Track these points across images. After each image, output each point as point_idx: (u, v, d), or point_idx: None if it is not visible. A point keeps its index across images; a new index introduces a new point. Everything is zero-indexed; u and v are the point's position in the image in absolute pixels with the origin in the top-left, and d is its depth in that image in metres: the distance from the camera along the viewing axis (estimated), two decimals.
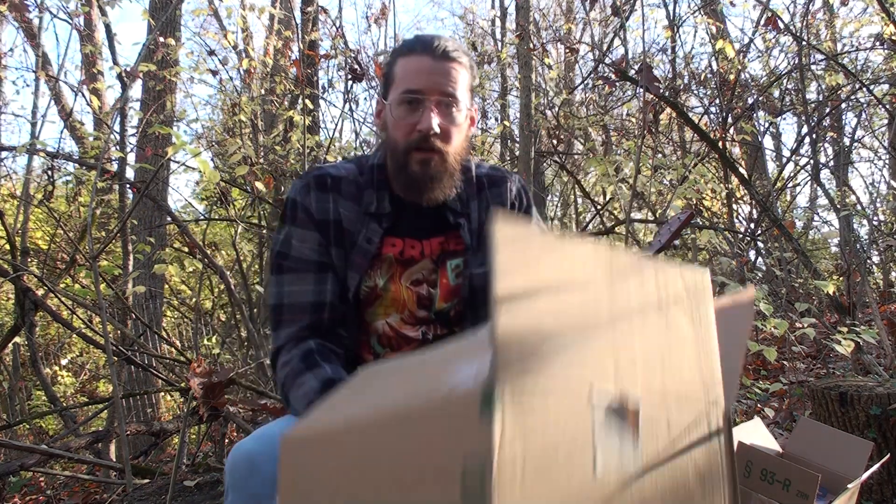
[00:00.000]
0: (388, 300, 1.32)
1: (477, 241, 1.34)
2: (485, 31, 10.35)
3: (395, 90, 1.24)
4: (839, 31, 6.12)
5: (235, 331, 5.77)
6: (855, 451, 1.72)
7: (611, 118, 6.85)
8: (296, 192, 1.30)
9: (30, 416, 3.86)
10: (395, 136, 1.25)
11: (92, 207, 3.23)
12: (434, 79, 1.22)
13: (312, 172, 1.33)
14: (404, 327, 1.33)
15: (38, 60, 3.96)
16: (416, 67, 1.23)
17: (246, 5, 6.77)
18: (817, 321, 3.25)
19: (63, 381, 7.54)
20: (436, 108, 1.22)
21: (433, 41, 1.23)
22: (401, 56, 1.26)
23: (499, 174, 1.40)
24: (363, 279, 1.29)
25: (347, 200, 1.30)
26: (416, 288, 1.32)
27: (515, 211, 1.39)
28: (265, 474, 1.11)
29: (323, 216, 1.28)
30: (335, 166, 1.35)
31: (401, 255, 1.31)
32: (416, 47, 1.24)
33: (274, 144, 5.73)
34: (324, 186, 1.30)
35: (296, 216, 1.29)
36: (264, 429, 1.21)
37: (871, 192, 6.14)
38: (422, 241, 1.33)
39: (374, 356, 1.34)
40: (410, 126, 1.22)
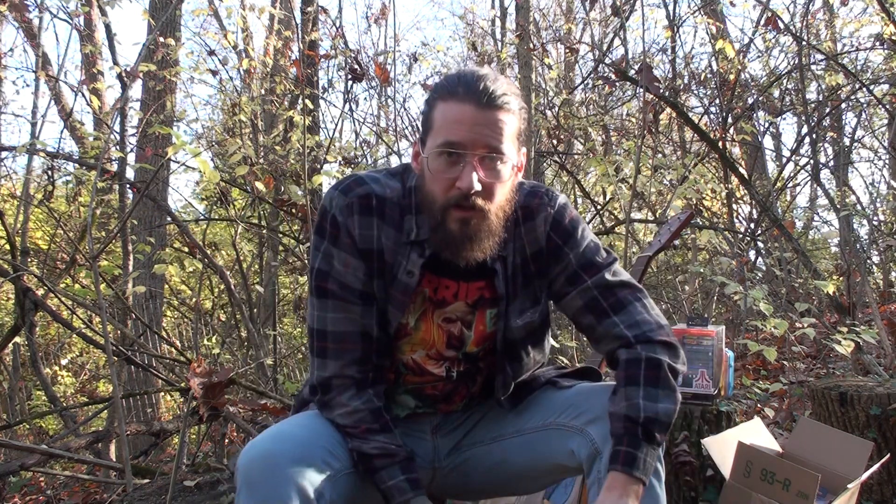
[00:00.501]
0: (416, 339, 1.29)
1: (513, 287, 1.25)
2: (485, 31, 10.34)
3: (434, 139, 1.12)
4: (839, 31, 6.12)
5: (235, 331, 5.77)
6: (855, 451, 1.72)
7: (611, 118, 6.84)
8: (337, 209, 1.19)
9: (30, 416, 3.86)
10: (432, 189, 1.14)
11: (92, 207, 3.23)
12: (478, 131, 1.09)
13: (356, 190, 1.20)
14: (428, 363, 1.31)
15: (38, 60, 3.96)
16: (457, 116, 1.10)
17: (246, 5, 6.77)
18: (817, 321, 3.25)
19: (63, 381, 7.54)
20: (478, 163, 1.10)
21: (478, 83, 1.10)
22: (441, 99, 1.13)
23: (534, 202, 1.25)
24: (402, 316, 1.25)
25: (390, 227, 1.20)
26: (447, 326, 1.28)
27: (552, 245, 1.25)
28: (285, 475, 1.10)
29: (366, 245, 1.20)
30: (379, 181, 1.23)
31: (434, 294, 1.25)
32: (459, 90, 1.10)
33: (274, 144, 5.73)
34: (368, 209, 1.19)
35: (337, 237, 1.20)
36: (280, 428, 1.19)
37: (871, 192, 6.15)
38: (458, 282, 1.25)
39: (395, 376, 1.33)
40: (450, 182, 1.11)
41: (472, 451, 1.38)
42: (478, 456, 1.38)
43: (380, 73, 4.45)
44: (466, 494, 1.47)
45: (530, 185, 1.28)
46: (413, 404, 1.37)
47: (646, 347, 1.19)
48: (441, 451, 1.39)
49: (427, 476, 1.39)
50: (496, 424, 1.38)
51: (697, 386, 2.01)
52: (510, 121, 1.12)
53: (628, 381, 1.16)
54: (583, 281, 1.24)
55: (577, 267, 1.25)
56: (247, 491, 1.10)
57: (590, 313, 1.25)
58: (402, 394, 1.35)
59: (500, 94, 1.10)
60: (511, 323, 1.27)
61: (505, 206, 1.17)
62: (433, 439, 1.39)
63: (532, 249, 1.25)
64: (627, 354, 1.19)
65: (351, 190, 1.21)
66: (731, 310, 5.08)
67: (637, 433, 1.11)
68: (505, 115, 1.11)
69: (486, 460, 1.37)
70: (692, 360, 2.04)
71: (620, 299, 1.23)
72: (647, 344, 1.20)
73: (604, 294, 1.24)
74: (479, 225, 1.13)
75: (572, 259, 1.25)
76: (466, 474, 1.39)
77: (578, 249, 1.25)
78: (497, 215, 1.15)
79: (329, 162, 5.15)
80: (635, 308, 1.23)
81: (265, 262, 5.77)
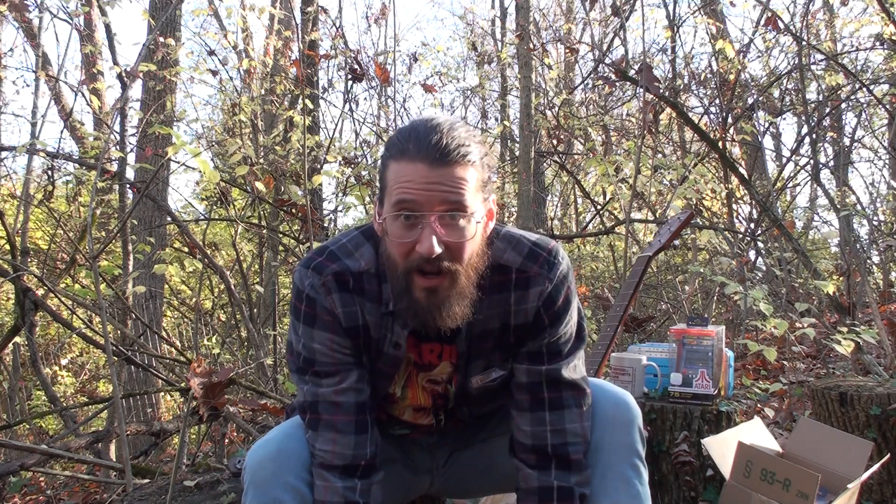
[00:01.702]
0: (404, 404, 1.28)
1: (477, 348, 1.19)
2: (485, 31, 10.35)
3: (388, 200, 1.03)
4: (839, 31, 6.12)
5: (235, 331, 5.77)
6: (855, 451, 1.72)
7: (611, 118, 6.85)
8: (312, 289, 1.13)
9: (30, 416, 3.86)
10: (392, 253, 1.06)
11: (92, 207, 3.23)
12: (431, 189, 1.00)
13: (330, 266, 1.13)
14: (417, 417, 1.31)
15: (38, 60, 3.96)
16: (409, 176, 1.00)
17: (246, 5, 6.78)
18: (817, 321, 3.25)
19: (63, 381, 7.54)
20: (438, 223, 1.01)
21: (429, 136, 1.00)
22: (392, 159, 1.04)
23: (533, 269, 1.14)
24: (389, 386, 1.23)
25: (371, 302, 1.14)
26: (432, 386, 1.26)
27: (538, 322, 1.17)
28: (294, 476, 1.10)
29: (352, 322, 1.14)
30: (352, 254, 1.15)
31: (420, 358, 1.22)
32: (409, 148, 1.01)
33: (274, 144, 5.73)
34: (346, 287, 1.13)
35: (315, 317, 1.13)
36: (286, 428, 1.18)
37: (871, 192, 6.15)
38: (443, 344, 1.20)
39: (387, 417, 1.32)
40: (409, 246, 1.03)
41: (465, 452, 1.39)
42: (468, 458, 1.39)
43: (380, 73, 4.45)
44: (465, 494, 1.48)
45: (534, 242, 1.17)
46: (407, 432, 1.38)
47: (559, 472, 1.16)
48: (439, 460, 1.40)
49: (426, 480, 1.41)
50: (486, 425, 1.39)
51: (697, 386, 2.01)
52: (470, 173, 1.02)
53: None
54: (541, 363, 1.18)
55: (544, 347, 1.18)
56: (254, 491, 1.10)
57: (528, 394, 1.19)
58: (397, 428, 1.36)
59: (455, 146, 1.00)
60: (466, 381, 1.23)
61: (476, 263, 1.08)
62: (430, 451, 1.40)
63: (518, 321, 1.17)
64: (541, 481, 1.16)
65: (325, 267, 1.14)
66: (731, 310, 5.08)
67: None
68: (462, 170, 1.01)
69: (478, 461, 1.38)
70: (692, 360, 2.04)
71: (562, 399, 1.18)
72: (561, 466, 1.16)
73: (550, 385, 1.18)
74: (447, 291, 1.05)
75: (546, 339, 1.18)
76: (463, 475, 1.40)
77: (556, 332, 1.18)
78: (468, 275, 1.06)
79: (329, 162, 5.16)
80: (571, 414, 1.17)
81: (265, 262, 5.77)
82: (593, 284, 6.97)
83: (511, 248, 1.16)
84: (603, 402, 1.20)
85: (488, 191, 1.09)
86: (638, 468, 1.18)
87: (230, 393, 3.69)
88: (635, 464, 1.18)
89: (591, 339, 4.88)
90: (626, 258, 4.20)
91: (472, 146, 1.03)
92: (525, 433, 1.19)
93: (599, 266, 7.56)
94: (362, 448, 1.15)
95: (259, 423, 3.21)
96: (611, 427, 1.18)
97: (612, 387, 1.23)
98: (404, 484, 1.36)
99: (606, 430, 1.18)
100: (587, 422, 1.19)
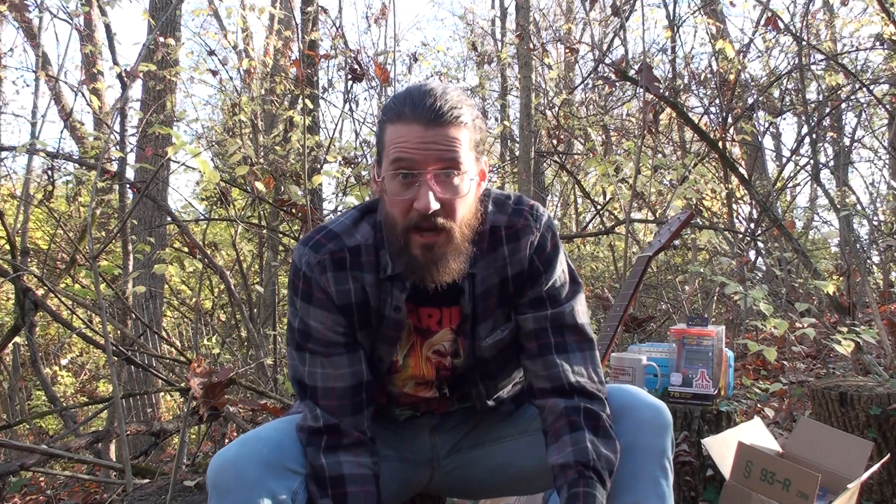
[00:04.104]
0: (406, 375, 1.29)
1: (483, 306, 1.23)
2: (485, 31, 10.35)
3: (386, 161, 1.09)
4: (839, 31, 6.12)
5: (235, 331, 5.77)
6: (855, 451, 1.72)
7: (611, 118, 6.85)
8: (308, 267, 1.18)
9: (30, 416, 3.86)
10: (391, 212, 1.11)
11: (92, 207, 3.23)
12: (428, 148, 1.06)
13: (326, 245, 1.18)
14: (419, 390, 1.32)
15: (38, 60, 3.96)
16: (405, 136, 1.06)
17: (246, 5, 6.78)
18: (817, 321, 3.25)
19: (63, 381, 7.54)
20: (434, 180, 1.07)
21: (424, 100, 1.06)
22: (389, 122, 1.09)
23: (520, 222, 1.22)
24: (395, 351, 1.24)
25: (369, 273, 1.18)
26: (437, 358, 1.28)
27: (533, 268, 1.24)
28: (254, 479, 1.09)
29: (344, 301, 1.18)
30: (349, 231, 1.20)
31: (419, 323, 1.25)
32: (405, 111, 1.07)
33: (274, 144, 5.74)
34: (342, 265, 1.18)
35: (311, 295, 1.18)
36: (248, 434, 1.19)
37: (871, 192, 6.15)
38: (441, 308, 1.23)
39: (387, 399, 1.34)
40: (407, 203, 1.08)
41: (473, 451, 1.38)
42: (480, 457, 1.38)
43: (380, 73, 4.44)
44: (468, 494, 1.47)
45: (514, 201, 1.25)
46: (410, 413, 1.38)
47: (582, 398, 1.19)
48: (439, 450, 1.39)
49: (425, 474, 1.39)
50: (498, 425, 1.38)
51: (697, 386, 2.02)
52: (463, 133, 1.08)
53: (573, 428, 1.16)
54: (544, 308, 1.24)
55: (544, 293, 1.24)
56: (217, 498, 1.10)
57: (535, 341, 1.24)
58: (397, 410, 1.37)
59: (449, 108, 1.06)
60: (479, 342, 1.25)
61: (470, 220, 1.14)
62: (430, 438, 1.39)
63: (514, 271, 1.23)
64: (567, 403, 1.19)
65: (322, 246, 1.18)
66: (731, 310, 5.08)
67: (591, 477, 1.12)
68: (456, 130, 1.07)
69: (489, 461, 1.37)
70: (692, 360, 2.04)
71: (567, 343, 1.23)
72: (583, 395, 1.20)
73: (555, 330, 1.23)
74: (444, 248, 1.10)
75: (544, 285, 1.24)
76: (469, 475, 1.39)
77: (551, 277, 1.24)
78: (462, 232, 1.12)
79: (329, 162, 5.16)
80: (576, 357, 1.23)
81: (265, 262, 5.77)
82: (593, 284, 6.97)
83: (497, 209, 1.23)
84: (641, 407, 1.22)
85: (480, 151, 1.15)
86: (666, 470, 1.20)
87: (230, 393, 3.69)
88: (665, 466, 1.20)
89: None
90: (626, 258, 4.20)
91: (465, 108, 1.09)
92: (542, 378, 1.23)
93: (599, 266, 7.56)
94: (360, 425, 1.20)
95: (259, 424, 3.20)
96: (646, 429, 1.20)
97: (649, 395, 1.26)
98: (400, 479, 1.34)
99: (642, 431, 1.20)
100: (594, 368, 1.24)
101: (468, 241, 1.14)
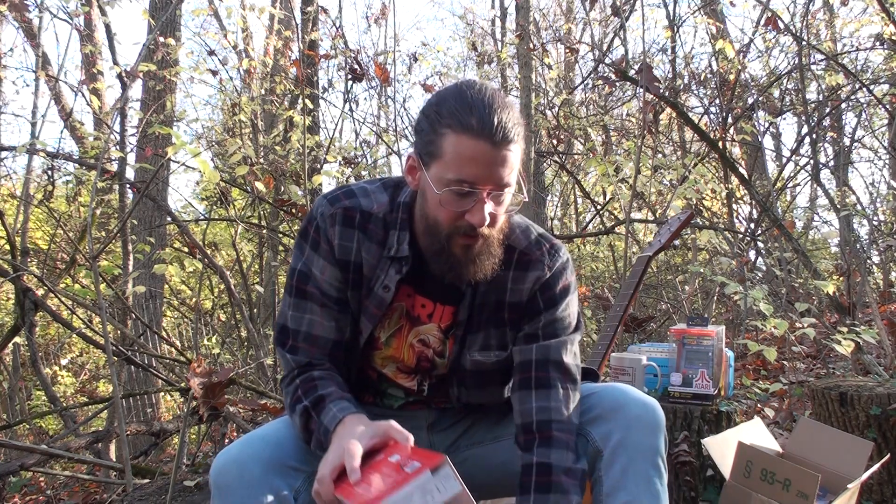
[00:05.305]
0: (386, 354, 1.30)
1: (478, 317, 1.25)
2: (485, 31, 10.35)
3: (444, 171, 1.09)
4: (839, 31, 6.12)
5: (235, 331, 5.77)
6: (855, 451, 1.72)
7: (611, 118, 6.85)
8: (321, 217, 1.22)
9: (30, 416, 3.86)
10: (437, 215, 1.13)
11: (92, 207, 3.23)
12: (492, 170, 1.07)
13: (343, 201, 1.23)
14: (399, 376, 1.33)
15: (38, 60, 3.96)
16: (473, 155, 1.06)
17: (246, 5, 6.78)
18: (817, 321, 3.25)
19: (63, 381, 7.54)
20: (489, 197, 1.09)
21: (493, 119, 1.05)
22: (452, 130, 1.07)
23: (536, 254, 1.24)
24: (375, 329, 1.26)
25: (371, 242, 1.22)
26: (421, 347, 1.29)
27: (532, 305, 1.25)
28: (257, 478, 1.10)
29: (344, 256, 1.22)
30: (369, 195, 1.24)
31: (411, 309, 1.27)
32: (473, 124, 1.05)
33: (274, 144, 5.74)
34: (350, 221, 1.21)
35: (318, 243, 1.22)
36: (250, 434, 1.20)
37: (871, 192, 6.15)
38: (435, 303, 1.27)
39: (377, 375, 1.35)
40: (458, 214, 1.11)
41: (472, 450, 1.38)
42: (478, 456, 1.38)
43: (380, 73, 4.44)
44: None
45: (540, 233, 1.27)
46: (402, 395, 1.38)
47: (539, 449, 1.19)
48: (437, 448, 1.39)
49: None
50: (497, 425, 1.38)
51: (697, 386, 2.02)
52: (518, 152, 1.11)
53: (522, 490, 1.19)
54: (534, 341, 1.25)
55: (540, 330, 1.25)
56: (220, 498, 1.10)
57: (518, 373, 1.26)
58: (388, 388, 1.37)
59: (511, 126, 1.07)
60: (465, 351, 1.27)
61: (504, 226, 1.19)
62: (429, 436, 1.39)
63: (512, 299, 1.25)
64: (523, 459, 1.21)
65: (338, 200, 1.23)
66: (731, 310, 5.08)
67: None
68: (515, 148, 1.09)
69: (487, 460, 1.37)
70: (692, 360, 2.04)
71: (549, 379, 1.23)
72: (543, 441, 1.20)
73: (538, 365, 1.24)
74: (482, 248, 1.15)
75: (542, 322, 1.25)
76: (467, 474, 1.39)
77: (552, 317, 1.25)
78: (498, 238, 1.17)
79: (329, 162, 5.16)
80: (555, 393, 1.22)
81: (265, 262, 5.77)
82: (593, 284, 6.97)
83: (520, 232, 1.25)
84: (632, 404, 1.22)
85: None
86: (660, 469, 1.20)
87: (230, 393, 3.69)
88: (657, 464, 1.20)
89: (591, 338, 4.88)
90: (626, 258, 4.20)
91: (520, 125, 1.11)
92: (516, 413, 1.25)
93: (599, 266, 7.56)
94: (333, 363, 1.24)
95: (259, 424, 3.20)
96: (637, 427, 1.20)
97: (641, 393, 1.26)
98: None
99: (633, 429, 1.20)
100: (573, 407, 1.23)
101: (501, 247, 1.18)
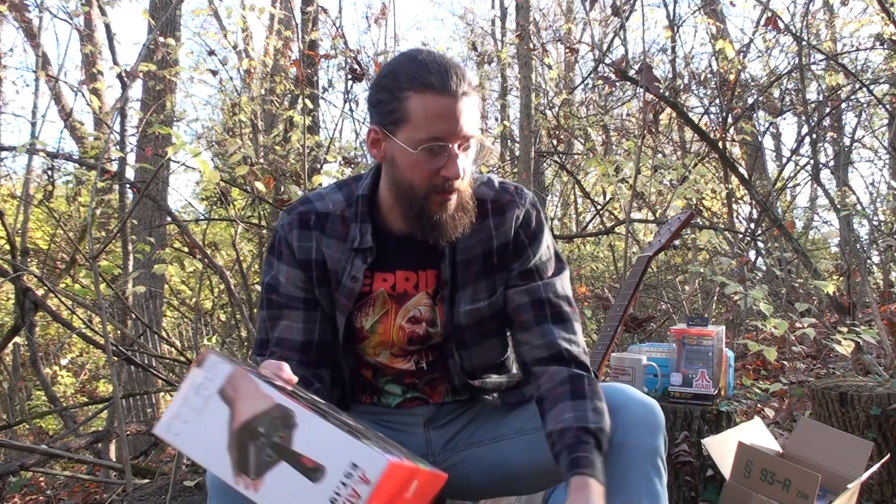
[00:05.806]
0: (375, 341, 1.31)
1: (464, 274, 1.28)
2: (485, 31, 10.36)
3: (412, 132, 1.12)
4: (839, 31, 6.12)
5: (235, 331, 5.77)
6: (855, 451, 1.72)
7: (611, 118, 6.84)
8: (281, 227, 1.28)
9: (30, 416, 3.87)
10: (410, 178, 1.16)
11: (92, 207, 3.24)
12: (458, 122, 1.12)
13: (298, 207, 1.28)
14: (395, 361, 1.34)
15: (38, 60, 3.96)
16: (437, 111, 1.11)
17: (246, 5, 6.78)
18: (817, 321, 3.25)
19: (63, 381, 7.54)
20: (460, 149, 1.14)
21: (449, 74, 1.11)
22: (416, 91, 1.11)
23: (506, 197, 1.29)
24: (350, 320, 1.28)
25: (332, 239, 1.26)
26: (412, 327, 1.30)
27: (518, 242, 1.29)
28: None
29: (304, 256, 1.26)
30: (323, 198, 1.29)
31: (393, 290, 1.28)
32: (433, 82, 1.10)
33: (274, 144, 5.73)
34: (306, 225, 1.26)
35: (281, 252, 1.28)
36: None
37: (871, 192, 6.14)
38: (417, 272, 1.28)
39: (373, 371, 1.36)
40: (433, 172, 1.14)
41: (470, 450, 1.38)
42: (477, 456, 1.37)
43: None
44: (467, 494, 1.46)
45: (500, 180, 1.32)
46: (400, 391, 1.38)
47: (580, 368, 1.23)
48: (435, 445, 1.38)
49: None
50: (495, 424, 1.38)
51: (697, 386, 2.02)
52: (477, 102, 1.16)
53: (575, 396, 1.19)
54: (535, 280, 1.29)
55: (533, 266, 1.29)
56: (217, 498, 1.10)
57: (530, 311, 1.28)
58: (385, 384, 1.37)
59: (467, 78, 1.13)
60: (456, 308, 1.29)
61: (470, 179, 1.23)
62: (426, 432, 1.39)
63: (499, 242, 1.28)
64: (569, 371, 1.22)
65: (294, 209, 1.29)
66: (731, 310, 5.08)
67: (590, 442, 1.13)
68: (475, 98, 1.14)
69: (486, 460, 1.37)
70: (692, 360, 2.04)
71: (562, 313, 1.28)
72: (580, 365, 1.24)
73: (550, 300, 1.28)
74: (458, 203, 1.19)
75: (531, 257, 1.29)
76: (466, 474, 1.39)
77: (538, 250, 1.30)
78: (468, 192, 1.21)
79: (329, 162, 5.16)
80: (572, 326, 1.28)
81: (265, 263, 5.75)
82: (593, 284, 6.97)
83: (483, 185, 1.29)
84: (632, 405, 1.22)
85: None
86: (659, 469, 1.20)
87: None
88: (657, 465, 1.20)
89: (591, 338, 4.87)
90: (626, 258, 4.20)
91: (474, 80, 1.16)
92: (539, 347, 1.26)
93: (599, 266, 7.56)
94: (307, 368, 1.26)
95: None
96: (638, 427, 1.20)
97: (640, 393, 1.26)
98: None
99: (633, 429, 1.19)
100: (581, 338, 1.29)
101: (472, 198, 1.22)
